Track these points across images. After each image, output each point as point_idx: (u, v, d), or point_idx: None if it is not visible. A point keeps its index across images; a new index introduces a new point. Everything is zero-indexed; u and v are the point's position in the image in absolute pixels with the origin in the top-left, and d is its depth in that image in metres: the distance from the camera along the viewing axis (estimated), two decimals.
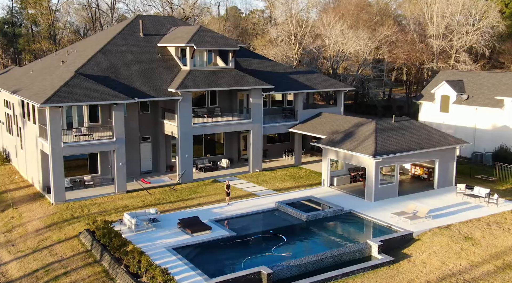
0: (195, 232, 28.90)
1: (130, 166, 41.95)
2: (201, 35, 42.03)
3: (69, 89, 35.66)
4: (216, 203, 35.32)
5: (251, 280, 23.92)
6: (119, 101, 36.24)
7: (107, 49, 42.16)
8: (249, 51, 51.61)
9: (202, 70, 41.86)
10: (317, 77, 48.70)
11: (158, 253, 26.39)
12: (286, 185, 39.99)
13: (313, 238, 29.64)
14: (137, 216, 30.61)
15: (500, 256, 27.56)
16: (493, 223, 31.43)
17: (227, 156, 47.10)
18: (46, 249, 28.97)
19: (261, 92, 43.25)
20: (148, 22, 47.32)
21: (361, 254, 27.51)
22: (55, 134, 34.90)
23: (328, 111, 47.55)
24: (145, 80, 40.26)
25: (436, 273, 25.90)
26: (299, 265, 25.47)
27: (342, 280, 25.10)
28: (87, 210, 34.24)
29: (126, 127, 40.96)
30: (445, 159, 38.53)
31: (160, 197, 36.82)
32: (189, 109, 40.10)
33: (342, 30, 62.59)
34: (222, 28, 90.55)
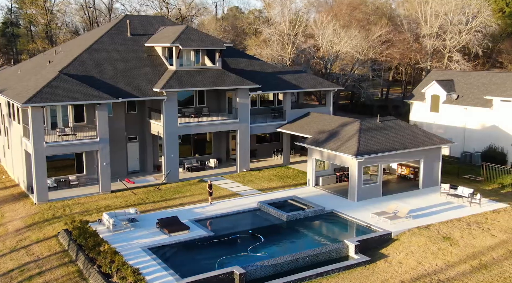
0: (173, 232, 28.87)
1: (117, 165, 42.00)
2: (187, 35, 42.02)
3: (51, 89, 35.70)
4: (198, 203, 35.31)
5: (223, 280, 23.88)
6: (103, 101, 36.27)
7: (93, 49, 42.20)
8: (238, 51, 51.56)
9: (188, 70, 41.85)
10: (306, 77, 48.62)
11: (133, 253, 26.38)
12: (272, 185, 39.93)
13: (292, 238, 29.57)
14: (116, 216, 30.60)
15: (477, 256, 27.43)
16: (473, 223, 31.28)
17: (216, 155, 47.08)
18: (24, 249, 29.00)
19: (248, 92, 43.20)
20: (137, 22, 47.34)
21: (338, 254, 27.43)
22: (37, 134, 34.95)
23: (318, 111, 47.43)
24: (130, 80, 40.29)
25: (411, 273, 25.80)
26: (273, 265, 25.41)
27: (316, 280, 25.03)
28: (69, 210, 34.28)
29: (113, 127, 41.07)
30: (430, 159, 38.38)
31: (144, 197, 36.83)
32: (174, 109, 40.09)
33: (334, 29, 62.43)
34: (219, 28, 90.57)
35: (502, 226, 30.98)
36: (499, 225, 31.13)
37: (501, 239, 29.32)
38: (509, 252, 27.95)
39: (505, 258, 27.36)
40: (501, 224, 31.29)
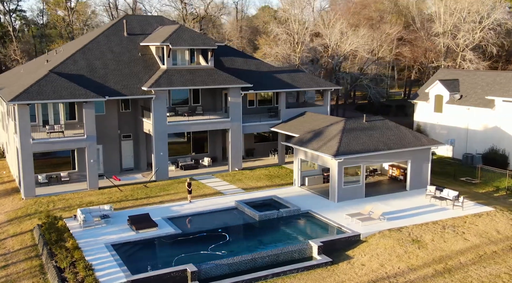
0: (141, 229, 29.27)
1: (111, 163, 42.86)
2: (178, 34, 42.41)
3: (39, 87, 36.68)
4: (179, 201, 35.64)
5: (175, 277, 24.08)
6: (88, 99, 37.05)
7: (87, 48, 43.10)
8: (235, 50, 51.65)
9: (179, 69, 42.24)
10: (302, 76, 48.30)
11: (96, 249, 26.89)
12: (259, 184, 39.90)
13: (260, 237, 29.51)
14: (91, 212, 31.24)
15: (443, 260, 26.73)
16: (449, 226, 30.47)
17: (211, 154, 47.32)
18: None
19: (240, 91, 43.26)
20: (135, 22, 48.08)
21: (301, 254, 27.21)
22: (24, 131, 35.99)
23: (315, 110, 47.03)
24: (120, 79, 40.97)
25: (371, 276, 25.37)
26: (229, 264, 25.43)
27: (272, 280, 24.93)
28: (52, 205, 35.16)
29: (105, 125, 41.94)
30: (418, 160, 37.55)
31: (129, 194, 37.41)
32: (163, 108, 40.55)
33: (340, 29, 61.75)
34: (236, 27, 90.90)
35: (479, 230, 30.07)
36: (476, 229, 30.22)
37: (473, 243, 28.48)
38: (479, 257, 27.13)
39: (472, 263, 26.57)
40: (478, 228, 30.36)
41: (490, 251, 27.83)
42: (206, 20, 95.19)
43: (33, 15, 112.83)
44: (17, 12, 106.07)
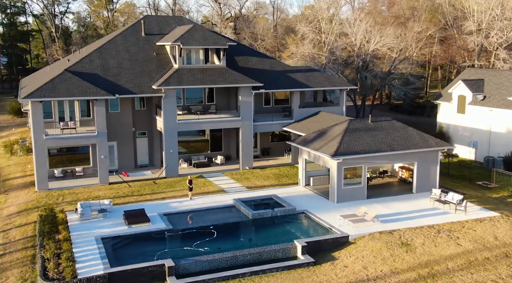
0: (133, 224, 30.08)
1: (125, 159, 44.11)
2: (191, 34, 43.12)
3: (53, 85, 38.25)
4: (180, 198, 36.28)
5: (153, 272, 24.67)
6: (98, 97, 38.31)
7: (104, 48, 44.52)
8: (251, 49, 51.95)
9: (191, 68, 42.95)
10: (317, 76, 47.99)
11: (85, 241, 27.88)
12: (265, 183, 40.04)
13: (249, 235, 29.74)
14: (90, 206, 32.34)
15: (430, 264, 26.09)
16: (445, 230, 29.63)
17: (226, 153, 47.80)
18: (4, 232, 31.51)
19: (251, 90, 43.51)
20: (154, 23, 49.21)
21: (285, 253, 27.24)
22: (37, 127, 37.64)
23: (330, 110, 46.61)
24: (132, 78, 42.08)
25: (350, 278, 25.11)
26: (209, 260, 25.80)
27: (250, 278, 25.11)
28: (62, 198, 36.61)
29: (121, 123, 43.22)
30: (425, 162, 36.62)
31: (135, 190, 38.42)
32: (173, 106, 41.34)
33: (366, 28, 60.80)
34: (269, 27, 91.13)
35: (476, 235, 29.08)
36: (473, 234, 29.25)
37: (466, 248, 27.60)
38: (468, 263, 26.30)
39: (460, 268, 25.80)
40: (476, 233, 29.37)
41: (482, 257, 26.90)
42: (242, 19, 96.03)
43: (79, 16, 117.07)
44: (66, 14, 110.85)
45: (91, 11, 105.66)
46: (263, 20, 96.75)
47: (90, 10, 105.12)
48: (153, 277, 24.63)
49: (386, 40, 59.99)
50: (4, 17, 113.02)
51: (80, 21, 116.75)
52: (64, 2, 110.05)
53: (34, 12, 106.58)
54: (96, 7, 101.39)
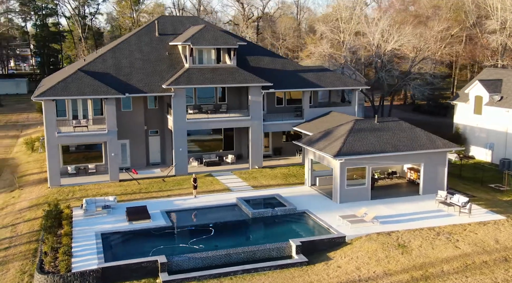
0: (134, 220, 30.69)
1: (137, 157, 44.95)
2: (202, 34, 43.61)
3: (65, 84, 39.31)
4: (185, 196, 36.76)
5: (146, 268, 25.15)
6: (108, 96, 39.17)
7: (118, 48, 45.44)
8: (264, 49, 52.10)
9: (201, 68, 43.42)
10: (329, 76, 47.81)
11: (85, 236, 28.60)
12: (271, 183, 40.19)
13: (247, 234, 29.98)
14: (96, 202, 33.13)
15: (424, 267, 25.80)
16: (445, 233, 29.21)
17: (237, 152, 48.12)
18: (13, 226, 32.60)
19: (260, 90, 43.71)
20: (168, 23, 49.92)
21: (279, 253, 27.36)
22: (49, 125, 38.74)
23: (342, 110, 46.39)
24: (143, 77, 42.82)
25: (342, 278, 25.07)
26: (203, 258, 26.14)
27: (241, 276, 25.35)
28: (72, 194, 37.59)
29: (133, 121, 44.07)
30: (433, 164, 36.12)
31: (144, 187, 39.11)
32: (183, 105, 41.90)
33: (383, 27, 60.16)
34: (291, 26, 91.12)
35: (476, 238, 28.58)
36: (473, 237, 28.75)
37: (464, 251, 27.17)
38: (464, 266, 25.90)
39: (455, 271, 25.44)
40: (476, 236, 28.86)
41: (480, 261, 26.44)
42: (265, 19, 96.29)
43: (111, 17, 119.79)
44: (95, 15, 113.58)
45: (117, 12, 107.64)
46: (287, 19, 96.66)
47: (116, 11, 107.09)
48: (146, 273, 25.10)
49: (403, 40, 59.25)
50: (37, 19, 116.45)
51: (112, 21, 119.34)
52: (93, 3, 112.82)
53: (65, 13, 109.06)
54: (122, 8, 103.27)
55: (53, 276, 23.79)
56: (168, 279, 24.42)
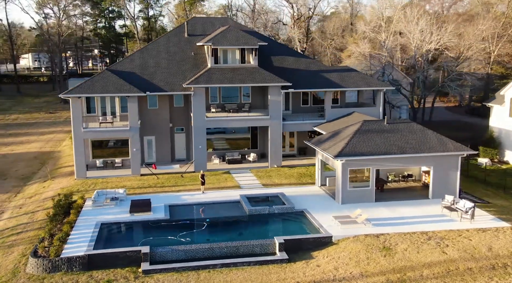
0: (135, 212, 32.35)
1: (163, 153, 46.87)
2: (224, 35, 44.81)
3: (92, 82, 41.83)
4: (194, 191, 38.07)
5: (131, 257, 26.59)
6: (130, 94, 41.26)
7: (146, 49, 47.58)
8: (289, 49, 52.49)
9: (222, 68, 44.61)
10: (353, 76, 47.49)
11: (86, 225, 30.54)
12: (284, 182, 40.67)
13: (239, 229, 30.76)
14: (106, 194, 35.17)
15: (403, 270, 25.51)
16: (437, 237, 28.57)
17: (261, 150, 48.90)
18: (32, 213, 35.28)
19: (280, 90, 44.25)
20: (199, 24, 51.54)
21: (263, 249, 27.94)
22: (76, 120, 41.37)
23: (365, 112, 46.01)
24: (167, 76, 44.61)
25: (317, 277, 25.33)
26: (186, 250, 27.25)
27: (220, 270, 26.22)
28: (93, 186, 39.97)
29: (159, 119, 46.02)
30: (443, 167, 35.20)
31: (160, 182, 40.85)
32: (202, 104, 43.27)
33: (422, 27, 58.69)
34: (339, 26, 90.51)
35: (468, 245, 27.77)
36: (465, 243, 27.95)
37: (450, 257, 26.53)
38: (446, 272, 25.35)
39: (435, 277, 24.97)
40: (470, 243, 28.03)
41: (465, 267, 25.75)
42: (316, 19, 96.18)
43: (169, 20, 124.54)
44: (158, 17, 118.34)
45: (174, 14, 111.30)
46: (337, 19, 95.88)
47: (171, 13, 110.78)
48: (130, 261, 26.54)
49: (444, 39, 57.54)
50: (105, 21, 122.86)
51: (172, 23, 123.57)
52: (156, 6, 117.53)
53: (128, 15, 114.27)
54: (177, 10, 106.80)
55: (42, 260, 25.76)
56: (148, 269, 25.74)
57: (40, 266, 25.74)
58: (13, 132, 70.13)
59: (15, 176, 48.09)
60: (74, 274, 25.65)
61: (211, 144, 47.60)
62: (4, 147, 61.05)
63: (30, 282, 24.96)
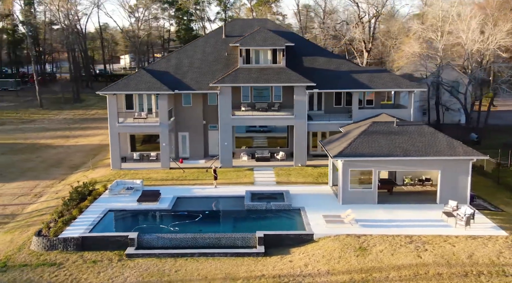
0: (142, 202, 34.90)
1: (196, 149, 49.30)
2: (253, 36, 46.38)
3: (127, 81, 45.19)
4: (207, 185, 39.99)
5: (120, 241, 29.03)
6: (159, 92, 44.08)
7: (183, 49, 50.31)
8: (322, 49, 52.77)
9: (250, 68, 46.16)
10: (384, 77, 46.97)
11: (95, 211, 33.51)
12: (299, 180, 41.45)
13: (232, 222, 32.29)
14: (125, 184, 38.15)
15: (371, 271, 25.70)
16: (420, 242, 28.24)
17: (290, 149, 49.80)
18: (62, 198, 38.89)
19: (305, 90, 44.99)
20: (238, 25, 53.48)
21: (244, 242, 29.19)
22: (112, 116, 44.91)
23: (395, 113, 45.46)
24: (197, 76, 46.95)
25: (284, 271, 26.23)
26: (171, 238, 29.22)
27: (197, 258, 27.93)
28: (124, 176, 43.20)
29: (192, 116, 48.53)
30: (452, 172, 34.30)
31: (185, 175, 43.26)
32: (228, 102, 45.09)
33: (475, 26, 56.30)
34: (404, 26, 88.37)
35: (447, 251, 27.21)
36: (447, 249, 27.40)
37: (423, 261, 26.24)
38: (414, 275, 25.22)
39: (400, 279, 24.97)
40: (452, 249, 27.43)
41: (435, 272, 25.40)
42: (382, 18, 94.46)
43: None
44: None
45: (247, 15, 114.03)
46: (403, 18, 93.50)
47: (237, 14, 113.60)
48: (120, 246, 28.97)
49: (497, 38, 54.92)
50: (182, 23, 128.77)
51: None
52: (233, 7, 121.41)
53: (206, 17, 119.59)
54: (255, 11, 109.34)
55: (43, 239, 28.93)
56: (131, 253, 28.04)
57: (41, 244, 28.92)
58: (85, 126, 76.19)
59: (67, 165, 52.83)
60: (68, 253, 28.55)
61: (250, 142, 49.17)
62: (71, 139, 66.79)
63: (29, 257, 28.18)
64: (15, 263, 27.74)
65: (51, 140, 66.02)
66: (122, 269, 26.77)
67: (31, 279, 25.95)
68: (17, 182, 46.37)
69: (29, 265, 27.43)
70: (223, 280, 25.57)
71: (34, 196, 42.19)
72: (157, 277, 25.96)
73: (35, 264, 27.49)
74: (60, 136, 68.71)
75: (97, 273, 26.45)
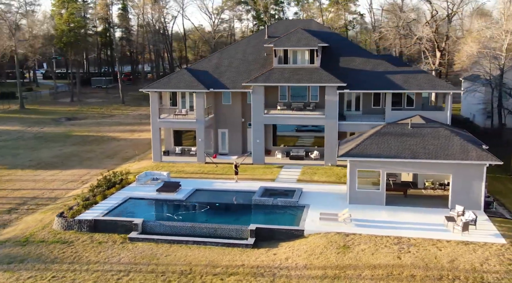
0: (161, 192, 37.59)
1: (235, 145, 51.53)
2: (288, 37, 47.64)
3: (168, 79, 48.37)
4: (228, 180, 41.88)
5: (126, 226, 31.83)
6: (195, 90, 46.73)
7: (225, 50, 52.63)
8: (362, 50, 52.51)
9: (283, 68, 47.46)
10: (420, 78, 46.11)
11: (117, 198, 36.68)
12: (321, 179, 42.11)
13: (237, 215, 34.01)
14: (152, 175, 41.16)
15: (345, 268, 26.27)
16: (407, 244, 28.22)
17: None
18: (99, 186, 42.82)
19: (336, 90, 45.49)
20: (282, 26, 54.88)
21: (238, 234, 30.81)
22: (154, 112, 48.29)
23: (432, 115, 44.68)
24: (234, 75, 49.03)
25: (264, 263, 27.49)
26: (171, 226, 31.54)
27: (191, 245, 29.98)
28: (161, 168, 46.27)
29: (232, 114, 50.82)
30: (464, 176, 33.48)
31: (216, 170, 45.56)
32: (260, 101, 46.69)
33: None
34: None
35: (430, 254, 26.99)
36: (430, 252, 27.20)
37: (401, 263, 26.34)
38: (386, 275, 25.47)
39: (372, 278, 25.35)
40: (437, 253, 27.16)
41: (408, 274, 25.45)
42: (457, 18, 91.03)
43: None
44: None
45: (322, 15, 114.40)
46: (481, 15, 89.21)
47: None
48: (126, 230, 31.76)
49: None
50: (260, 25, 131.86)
51: None
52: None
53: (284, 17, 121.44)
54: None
55: (62, 219, 32.47)
56: (133, 237, 30.69)
57: (60, 224, 32.48)
58: (146, 122, 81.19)
59: (121, 157, 57.24)
60: (81, 233, 31.83)
61: (289, 140, 50.49)
62: (136, 133, 71.78)
63: (48, 235, 31.82)
64: (35, 239, 31.47)
65: (118, 134, 71.41)
66: (120, 250, 29.47)
67: (42, 253, 29.41)
68: (73, 170, 51.20)
69: (45, 241, 31.00)
70: (204, 267, 27.36)
71: (80, 182, 46.55)
72: (147, 259, 28.32)
73: (50, 241, 31.02)
74: (128, 131, 74.01)
75: (98, 252, 29.36)
